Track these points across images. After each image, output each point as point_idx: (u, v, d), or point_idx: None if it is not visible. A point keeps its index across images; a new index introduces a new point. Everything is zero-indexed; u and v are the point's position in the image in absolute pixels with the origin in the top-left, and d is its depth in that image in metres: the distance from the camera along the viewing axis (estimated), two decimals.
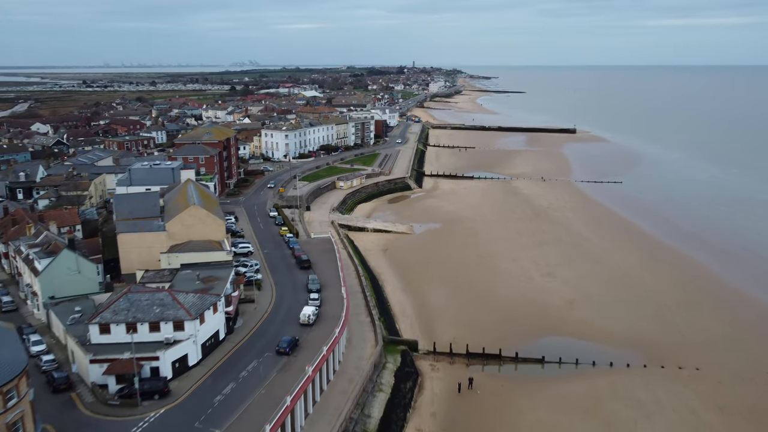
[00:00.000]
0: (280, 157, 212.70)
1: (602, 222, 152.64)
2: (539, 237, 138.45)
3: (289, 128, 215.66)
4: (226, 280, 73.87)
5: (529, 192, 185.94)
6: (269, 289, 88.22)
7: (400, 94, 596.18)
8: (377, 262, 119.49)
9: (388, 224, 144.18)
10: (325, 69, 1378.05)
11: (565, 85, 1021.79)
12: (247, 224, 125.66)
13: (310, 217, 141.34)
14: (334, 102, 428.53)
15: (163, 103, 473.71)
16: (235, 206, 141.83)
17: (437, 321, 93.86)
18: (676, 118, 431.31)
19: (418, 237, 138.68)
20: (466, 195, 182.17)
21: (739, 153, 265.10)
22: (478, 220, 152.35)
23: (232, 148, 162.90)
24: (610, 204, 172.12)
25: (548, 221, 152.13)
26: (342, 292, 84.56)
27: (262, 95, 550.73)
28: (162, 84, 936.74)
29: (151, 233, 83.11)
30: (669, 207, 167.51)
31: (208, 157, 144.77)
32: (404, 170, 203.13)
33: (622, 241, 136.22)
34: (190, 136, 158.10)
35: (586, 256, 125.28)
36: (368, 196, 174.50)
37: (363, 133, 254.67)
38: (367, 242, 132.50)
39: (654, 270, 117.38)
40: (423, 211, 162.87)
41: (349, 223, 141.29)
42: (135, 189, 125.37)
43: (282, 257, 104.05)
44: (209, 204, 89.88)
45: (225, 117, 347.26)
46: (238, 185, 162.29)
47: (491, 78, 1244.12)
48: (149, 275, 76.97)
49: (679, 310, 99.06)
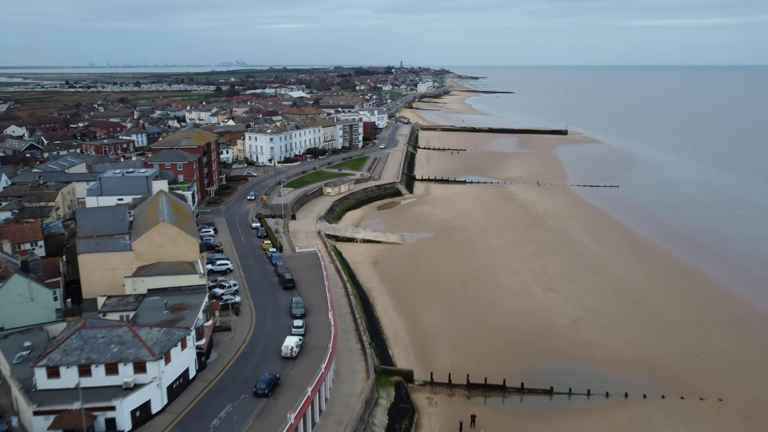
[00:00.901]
0: (264, 162, 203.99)
1: (601, 229, 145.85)
2: (537, 246, 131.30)
3: (274, 131, 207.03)
4: (198, 308, 65.48)
5: (525, 197, 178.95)
6: (249, 313, 79.91)
7: (389, 94, 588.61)
8: (367, 277, 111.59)
9: (378, 234, 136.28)
10: (312, 69, 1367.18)
11: (554, 86, 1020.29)
12: (228, 237, 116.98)
13: (296, 227, 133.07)
14: (322, 103, 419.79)
15: (146, 104, 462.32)
16: (216, 216, 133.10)
17: (433, 345, 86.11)
18: (666, 119, 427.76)
19: (410, 248, 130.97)
20: (459, 201, 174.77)
21: (732, 155, 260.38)
22: (473, 229, 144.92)
23: (213, 153, 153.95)
24: (608, 210, 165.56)
25: (546, 229, 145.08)
26: (329, 317, 76.48)
27: (247, 96, 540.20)
28: (147, 84, 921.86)
29: (115, 254, 74.40)
30: (668, 213, 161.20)
31: (186, 164, 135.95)
32: (394, 174, 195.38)
33: (623, 250, 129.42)
34: (167, 140, 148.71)
35: (588, 268, 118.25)
36: (357, 202, 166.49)
37: (351, 135, 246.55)
38: (356, 254, 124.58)
39: (659, 282, 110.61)
40: (415, 218, 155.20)
41: (337, 233, 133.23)
42: (106, 199, 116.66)
43: (264, 275, 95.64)
44: (183, 219, 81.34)
45: (209, 119, 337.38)
46: (220, 192, 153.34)
47: (479, 78, 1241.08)
48: (112, 302, 68.45)
49: (691, 328, 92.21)
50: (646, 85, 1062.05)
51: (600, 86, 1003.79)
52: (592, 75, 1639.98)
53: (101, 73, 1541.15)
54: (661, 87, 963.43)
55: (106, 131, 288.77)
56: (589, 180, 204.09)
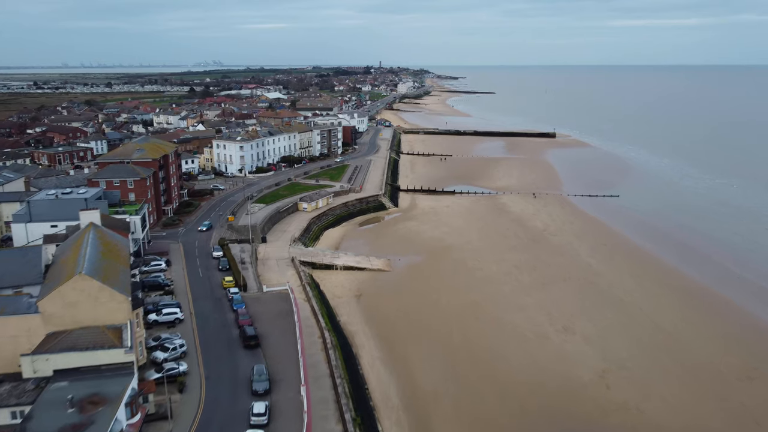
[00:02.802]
0: (234, 172, 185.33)
1: (611, 250, 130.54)
2: (543, 272, 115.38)
3: (244, 138, 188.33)
4: (118, 401, 47.70)
5: (520, 210, 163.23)
6: (197, 388, 62.11)
7: (368, 95, 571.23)
8: (349, 316, 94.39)
9: (360, 259, 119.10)
10: (290, 69, 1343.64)
11: (534, 86, 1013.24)
12: (182, 270, 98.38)
13: (266, 253, 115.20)
14: (299, 105, 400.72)
15: (113, 106, 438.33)
16: (172, 241, 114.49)
17: (434, 414, 69.28)
18: (653, 120, 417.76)
19: (398, 275, 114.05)
20: (449, 215, 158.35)
21: (726, 159, 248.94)
22: (467, 250, 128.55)
23: (172, 166, 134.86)
24: (614, 225, 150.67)
25: (549, 250, 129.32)
26: (302, 395, 59.08)
27: (221, 97, 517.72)
28: (119, 85, 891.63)
29: (15, 317, 56.20)
30: (681, 230, 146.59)
31: (138, 180, 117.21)
32: (377, 185, 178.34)
33: (640, 276, 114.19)
34: (116, 153, 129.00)
35: (604, 300, 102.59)
36: (336, 219, 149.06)
37: (330, 141, 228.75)
38: (336, 284, 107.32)
39: (690, 319, 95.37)
40: (401, 237, 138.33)
41: (314, 259, 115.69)
42: (36, 227, 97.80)
43: (222, 326, 77.67)
44: (111, 266, 63.15)
45: (178, 123, 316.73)
46: (180, 211, 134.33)
47: (459, 78, 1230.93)
48: (2, 391, 50.30)
49: (740, 383, 76.88)
50: (626, 84, 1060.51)
51: (580, 86, 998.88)
52: (573, 75, 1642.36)
53: (73, 74, 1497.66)
54: (641, 87, 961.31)
55: (64, 137, 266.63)
56: (586, 189, 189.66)
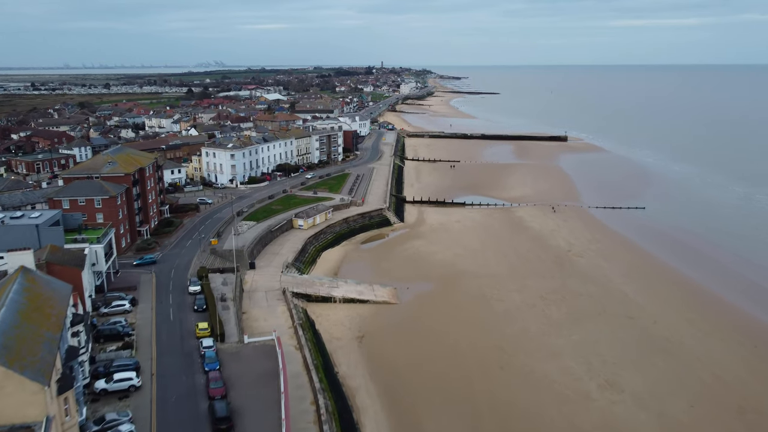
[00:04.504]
0: (225, 183, 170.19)
1: (646, 275, 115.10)
2: (573, 304, 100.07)
3: (236, 146, 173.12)
4: None
5: (539, 226, 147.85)
6: None
7: (370, 96, 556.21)
8: (350, 366, 79.14)
9: (363, 289, 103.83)
10: (291, 70, 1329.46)
11: (537, 85, 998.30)
12: (150, 311, 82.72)
13: (254, 283, 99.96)
14: (298, 107, 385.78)
15: (107, 108, 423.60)
16: (144, 271, 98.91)
17: None
18: (662, 121, 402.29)
19: (406, 309, 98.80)
20: (460, 232, 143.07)
21: (752, 165, 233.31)
22: (484, 276, 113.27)
23: (150, 180, 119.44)
24: (643, 242, 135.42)
25: (576, 275, 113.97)
26: None
27: (220, 99, 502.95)
28: (117, 86, 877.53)
29: None
30: (721, 250, 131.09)
31: (107, 199, 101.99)
32: (380, 197, 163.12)
33: (685, 309, 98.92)
34: (83, 167, 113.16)
35: (650, 342, 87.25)
36: (336, 237, 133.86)
37: (329, 147, 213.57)
38: (334, 322, 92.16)
39: (756, 368, 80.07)
40: (408, 260, 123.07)
41: (309, 290, 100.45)
42: None
43: (189, 395, 61.76)
44: (32, 336, 47.68)
45: (171, 126, 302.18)
46: (158, 231, 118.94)
47: (461, 78, 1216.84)
48: None
49: None
50: (629, 84, 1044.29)
51: (583, 86, 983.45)
52: (574, 75, 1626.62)
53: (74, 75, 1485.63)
54: (645, 86, 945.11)
55: (49, 142, 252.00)
56: (607, 200, 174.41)
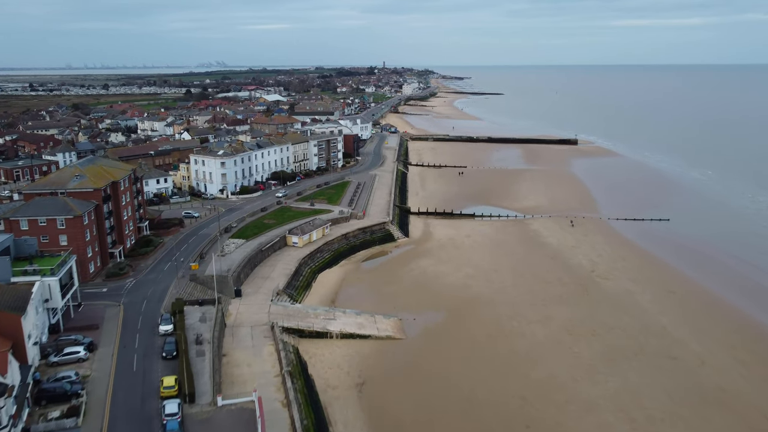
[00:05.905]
0: (214, 193, 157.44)
1: (682, 300, 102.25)
2: (605, 341, 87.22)
3: (227, 153, 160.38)
4: None
5: (557, 241, 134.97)
6: None
7: (372, 97, 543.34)
8: (347, 426, 66.33)
9: (363, 320, 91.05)
10: (292, 70, 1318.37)
11: (541, 86, 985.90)
12: (109, 360, 69.50)
13: (239, 316, 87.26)
14: (298, 109, 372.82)
15: (102, 110, 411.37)
16: (111, 301, 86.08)
17: None
18: (673, 123, 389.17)
19: (413, 345, 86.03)
20: (471, 248, 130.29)
21: None
22: (500, 303, 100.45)
23: (124, 195, 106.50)
24: (674, 261, 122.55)
25: (605, 302, 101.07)
26: None
27: (218, 100, 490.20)
28: (115, 87, 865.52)
29: None
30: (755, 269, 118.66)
31: (71, 219, 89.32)
32: (383, 209, 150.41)
33: (733, 343, 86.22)
34: (46, 181, 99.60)
35: (700, 390, 74.38)
36: (334, 256, 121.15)
37: (329, 153, 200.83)
38: (330, 364, 79.43)
39: None
40: (414, 282, 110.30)
41: (302, 323, 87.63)
42: None
43: None
44: None
45: (164, 129, 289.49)
46: (135, 252, 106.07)
47: (464, 78, 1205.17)
48: None
49: None
50: (633, 84, 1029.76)
51: (587, 86, 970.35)
52: (577, 75, 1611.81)
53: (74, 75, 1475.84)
54: (649, 86, 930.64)
55: (35, 146, 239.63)
56: (627, 210, 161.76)
